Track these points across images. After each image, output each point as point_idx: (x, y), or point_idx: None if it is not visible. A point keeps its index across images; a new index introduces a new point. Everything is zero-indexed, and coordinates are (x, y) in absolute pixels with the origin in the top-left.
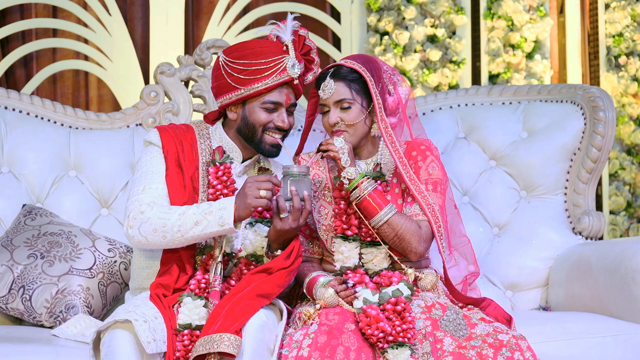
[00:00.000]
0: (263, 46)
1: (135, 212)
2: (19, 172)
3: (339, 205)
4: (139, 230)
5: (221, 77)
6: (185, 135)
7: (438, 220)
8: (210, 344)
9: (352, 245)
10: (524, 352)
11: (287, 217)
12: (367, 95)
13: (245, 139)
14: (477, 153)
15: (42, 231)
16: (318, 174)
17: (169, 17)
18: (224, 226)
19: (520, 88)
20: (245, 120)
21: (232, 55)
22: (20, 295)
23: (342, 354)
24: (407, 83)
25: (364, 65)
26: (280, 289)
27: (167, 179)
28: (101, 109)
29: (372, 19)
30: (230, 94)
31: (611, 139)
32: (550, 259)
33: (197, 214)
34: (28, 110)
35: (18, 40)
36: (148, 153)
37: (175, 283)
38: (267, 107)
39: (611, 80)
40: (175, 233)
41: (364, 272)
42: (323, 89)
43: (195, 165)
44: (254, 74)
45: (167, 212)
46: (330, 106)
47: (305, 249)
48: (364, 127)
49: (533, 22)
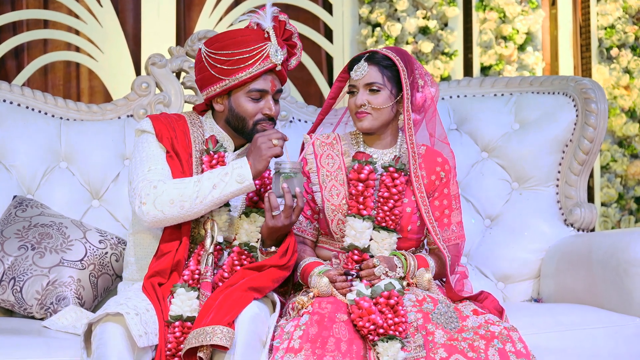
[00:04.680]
0: (244, 35)
1: (148, 188)
2: (10, 163)
3: (357, 187)
4: (154, 205)
5: (204, 69)
6: (177, 123)
7: (447, 252)
8: (203, 336)
9: (366, 224)
10: (515, 344)
11: (279, 215)
12: (397, 85)
13: (235, 130)
14: (469, 145)
15: (33, 222)
16: (332, 155)
17: (161, 9)
18: (244, 182)
19: (512, 80)
20: (232, 111)
21: (213, 46)
22: (11, 286)
23: (333, 345)
24: (436, 85)
25: (398, 56)
26: (275, 284)
27: (168, 160)
28: (92, 100)
29: (364, 10)
30: (215, 85)
31: (603, 131)
32: (542, 250)
33: (213, 177)
34: (19, 102)
35: (9, 31)
36: (143, 140)
37: (172, 266)
38: (252, 95)
39: (603, 72)
40: (193, 200)
41: (370, 257)
42: (355, 70)
43: (189, 153)
44: (237, 63)
45: (182, 182)
46: (359, 88)
47: (302, 229)
48: (389, 114)
49: (525, 14)
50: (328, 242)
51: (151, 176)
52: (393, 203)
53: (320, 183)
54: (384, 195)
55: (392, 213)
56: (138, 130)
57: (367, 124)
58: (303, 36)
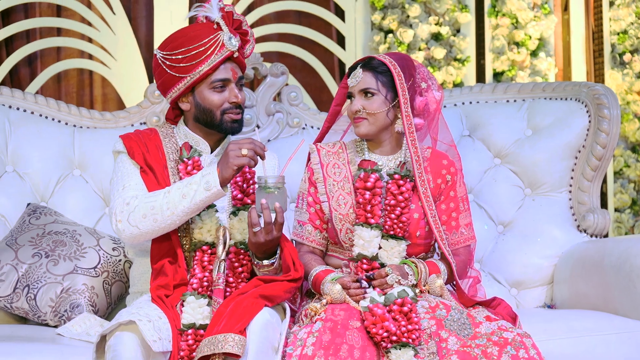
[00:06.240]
0: (195, 30)
1: (121, 206)
2: (24, 171)
3: (363, 195)
4: (128, 222)
5: (163, 72)
6: (149, 137)
7: (453, 259)
8: (215, 344)
9: (374, 233)
10: (528, 350)
11: (260, 231)
12: (393, 90)
13: (205, 124)
14: (481, 151)
15: (47, 230)
16: (338, 164)
17: (173, 16)
18: (211, 189)
19: (524, 86)
20: (199, 107)
21: (168, 47)
22: (25, 294)
23: (347, 352)
24: (441, 89)
25: (396, 62)
26: (287, 295)
27: (142, 175)
28: (105, 107)
29: (376, 17)
30: (177, 85)
31: (616, 137)
32: (555, 256)
33: (182, 187)
34: (32, 110)
35: (22, 39)
36: (119, 161)
37: (174, 280)
38: (215, 86)
39: (616, 77)
40: (165, 212)
41: (379, 266)
42: (352, 78)
43: (163, 164)
44: (195, 58)
45: (153, 195)
46: (355, 94)
47: (311, 239)
48: (385, 119)
49: (537, 19)
50: (337, 251)
51: (125, 193)
52: (400, 210)
53: (327, 193)
54: (391, 203)
55: (399, 220)
56: (114, 152)
57: (364, 130)
58: (315, 43)
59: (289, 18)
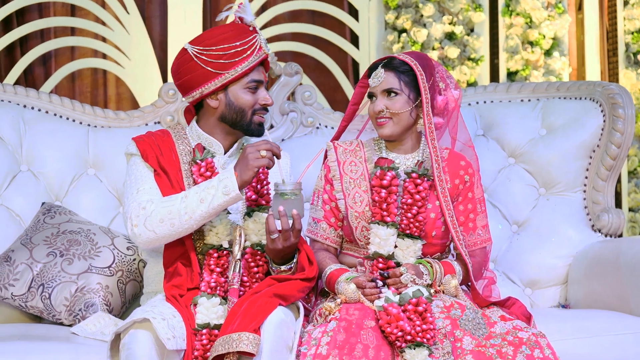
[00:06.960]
0: (233, 29)
1: (137, 210)
2: (38, 170)
3: (379, 193)
4: (144, 226)
5: (196, 67)
6: (162, 139)
7: (469, 259)
8: (229, 343)
9: (390, 231)
10: (543, 350)
11: (277, 237)
12: (415, 89)
13: (232, 124)
14: (495, 150)
15: (61, 229)
16: (355, 162)
17: (187, 15)
18: (230, 194)
19: (538, 85)
20: (230, 105)
21: (203, 44)
22: (40, 293)
23: (361, 351)
24: (459, 87)
25: (416, 61)
26: (300, 294)
27: (156, 178)
28: (119, 107)
29: (390, 16)
30: (211, 81)
31: (630, 136)
32: (569, 256)
33: (200, 191)
34: (47, 109)
35: (37, 38)
36: (132, 163)
37: (187, 282)
38: (250, 86)
39: (630, 77)
40: (182, 216)
41: (395, 265)
42: (373, 78)
43: (177, 167)
44: (236, 55)
45: (169, 200)
46: (377, 94)
47: (325, 236)
48: (408, 119)
49: (551, 19)
50: (352, 249)
51: (140, 197)
52: (417, 209)
53: (343, 190)
54: (407, 201)
55: (416, 220)
56: (127, 155)
57: (388, 131)
58: (329, 42)
59: (302, 17)
